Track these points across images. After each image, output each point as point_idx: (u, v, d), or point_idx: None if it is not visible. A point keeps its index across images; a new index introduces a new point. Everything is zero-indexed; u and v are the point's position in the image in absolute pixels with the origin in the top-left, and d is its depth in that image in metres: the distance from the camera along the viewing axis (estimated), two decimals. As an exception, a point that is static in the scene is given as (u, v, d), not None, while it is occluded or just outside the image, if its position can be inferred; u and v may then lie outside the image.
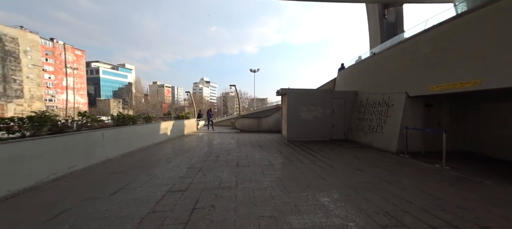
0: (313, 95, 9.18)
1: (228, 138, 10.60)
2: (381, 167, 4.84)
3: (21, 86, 51.96)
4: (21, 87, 51.97)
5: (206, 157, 6.09)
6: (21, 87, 51.97)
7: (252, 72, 25.12)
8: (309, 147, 7.48)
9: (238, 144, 8.55)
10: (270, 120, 13.60)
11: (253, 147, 7.72)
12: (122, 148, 6.24)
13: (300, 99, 9.16)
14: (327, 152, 6.58)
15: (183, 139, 10.25)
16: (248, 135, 11.98)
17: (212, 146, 8.08)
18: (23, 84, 52.20)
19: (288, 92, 9.26)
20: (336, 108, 9.10)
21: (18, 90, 51.64)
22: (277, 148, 7.55)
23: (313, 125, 9.11)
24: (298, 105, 9.16)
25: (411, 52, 5.83)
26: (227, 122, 19.93)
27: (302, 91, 9.29)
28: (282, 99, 10.85)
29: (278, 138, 10.19)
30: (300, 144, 8.27)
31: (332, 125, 9.08)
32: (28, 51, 53.34)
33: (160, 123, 9.22)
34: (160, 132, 9.00)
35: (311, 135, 9.11)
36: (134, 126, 7.04)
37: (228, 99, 74.95)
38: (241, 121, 14.05)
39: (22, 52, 52.16)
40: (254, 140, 9.61)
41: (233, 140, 9.62)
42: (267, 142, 9.06)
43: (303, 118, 9.15)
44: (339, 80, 11.25)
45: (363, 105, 8.11)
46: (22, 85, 52.07)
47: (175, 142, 9.01)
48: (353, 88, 9.41)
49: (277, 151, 6.89)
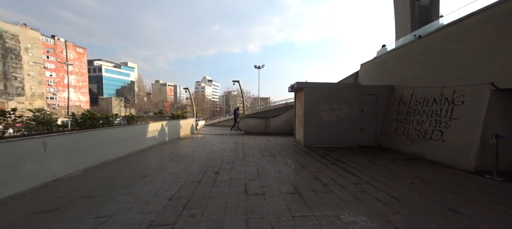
0: (337, 91, 7.31)
1: (231, 142, 8.79)
2: (484, 204, 2.97)
3: (22, 84, 50.98)
4: (22, 84, 51.00)
5: (200, 174, 4.29)
6: (22, 84, 51.00)
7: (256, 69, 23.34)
8: (337, 158, 5.63)
9: (244, 151, 6.74)
10: (278, 120, 11.77)
11: (263, 157, 5.90)
12: (87, 159, 4.47)
13: (321, 96, 7.30)
14: (368, 167, 4.73)
15: (177, 143, 8.47)
16: (255, 138, 10.15)
17: (211, 154, 6.29)
18: (24, 81, 51.22)
19: (305, 87, 7.41)
20: (366, 106, 7.22)
21: (19, 88, 50.67)
22: (295, 158, 5.72)
23: (337, 128, 7.25)
24: (318, 103, 7.31)
25: (505, 23, 3.85)
26: (230, 122, 18.11)
27: (323, 86, 7.43)
28: (296, 96, 8.99)
29: (291, 143, 8.34)
30: (323, 152, 6.42)
31: (361, 129, 7.21)
32: (29, 48, 52.30)
33: (148, 124, 7.45)
34: (147, 135, 7.23)
35: (334, 140, 7.25)
36: (107, 130, 5.27)
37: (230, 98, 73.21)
38: (246, 121, 12.25)
39: (23, 49, 51.13)
40: (262, 146, 7.79)
41: (238, 146, 7.80)
42: (280, 148, 7.23)
43: (325, 119, 7.29)
44: (363, 74, 9.33)
45: (404, 103, 6.22)
46: (23, 82, 51.09)
47: (165, 148, 7.24)
48: (384, 82, 7.51)
49: (297, 164, 5.06)
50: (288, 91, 9.14)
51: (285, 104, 15.10)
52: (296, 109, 8.95)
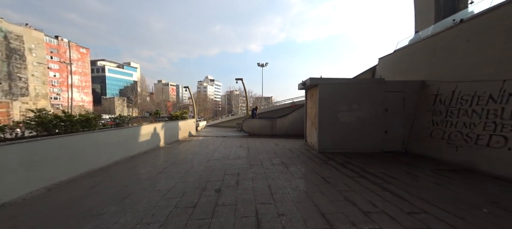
0: (357, 88, 6.26)
1: (234, 146, 7.81)
2: None
3: (26, 84, 50.90)
4: (26, 85, 50.92)
5: (197, 193, 3.31)
6: (26, 85, 50.92)
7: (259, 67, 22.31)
8: (363, 169, 4.60)
9: (250, 158, 5.75)
10: (286, 121, 10.74)
11: (273, 166, 4.90)
12: (55, 174, 3.54)
13: (338, 94, 6.26)
14: (411, 184, 3.69)
15: (174, 147, 7.53)
16: (261, 141, 9.15)
17: (212, 162, 5.31)
18: (28, 82, 51.13)
19: (320, 83, 6.38)
20: (391, 105, 6.15)
21: (24, 88, 50.61)
22: (311, 168, 4.71)
23: (357, 130, 6.20)
24: (335, 102, 6.27)
25: None
26: (233, 123, 17.16)
27: (341, 82, 6.39)
28: (307, 94, 7.96)
29: (302, 148, 7.32)
30: (343, 160, 5.39)
31: (385, 131, 6.14)
32: (33, 48, 52.20)
33: (141, 127, 6.51)
34: (140, 139, 6.29)
35: (354, 144, 6.21)
36: (86, 135, 4.32)
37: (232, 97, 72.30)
38: (250, 122, 11.25)
39: (27, 50, 51.02)
40: (270, 151, 6.79)
41: (242, 151, 6.82)
42: (291, 154, 6.22)
43: (342, 120, 6.26)
44: (382, 69, 8.24)
45: (443, 101, 5.14)
46: (27, 83, 51.01)
47: (160, 154, 6.29)
48: (412, 77, 6.43)
49: (317, 177, 4.05)
50: (298, 88, 8.11)
51: (292, 103, 14.05)
52: (307, 108, 7.92)
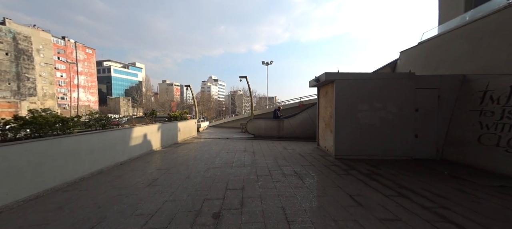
0: (380, 84, 5.31)
1: (238, 150, 6.97)
2: None
3: (34, 84, 51.53)
4: (34, 85, 51.54)
5: (190, 219, 2.47)
6: (34, 85, 51.54)
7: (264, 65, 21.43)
8: (398, 183, 3.67)
9: (256, 166, 4.88)
10: (294, 122, 9.83)
11: (285, 177, 4.03)
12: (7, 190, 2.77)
13: (359, 91, 5.33)
14: (478, 212, 2.76)
15: (171, 152, 6.74)
16: (267, 144, 8.28)
17: (212, 171, 4.47)
18: (36, 82, 51.75)
19: (337, 79, 5.46)
20: (423, 104, 5.18)
21: (31, 88, 51.23)
22: (332, 181, 3.80)
23: (380, 133, 5.26)
24: (355, 100, 5.35)
25: None
26: (236, 123, 16.34)
27: (362, 78, 5.45)
28: (320, 92, 7.04)
29: (315, 153, 6.42)
30: (368, 170, 4.47)
31: (415, 135, 5.18)
32: (41, 49, 52.81)
33: (133, 128, 5.74)
34: (131, 143, 5.52)
35: (376, 150, 5.27)
36: (56, 140, 3.54)
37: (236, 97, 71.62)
38: (255, 123, 10.39)
39: (35, 51, 51.64)
40: (279, 156, 5.91)
41: (247, 156, 5.96)
42: (303, 161, 5.32)
43: (363, 121, 5.32)
44: (405, 64, 7.23)
45: (496, 100, 4.14)
46: (35, 83, 51.63)
47: (153, 160, 5.51)
48: (445, 71, 5.44)
49: (343, 195, 3.15)
50: (309, 85, 7.20)
51: (300, 103, 13.09)
52: (320, 108, 7.00)
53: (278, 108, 11.85)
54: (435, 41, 6.27)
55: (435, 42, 6.25)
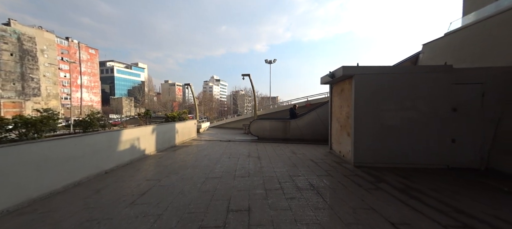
0: (409, 79, 4.48)
1: (242, 155, 6.19)
2: None
3: (38, 85, 51.64)
4: (38, 85, 51.65)
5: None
6: (38, 85, 51.65)
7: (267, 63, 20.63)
8: (448, 204, 2.87)
9: (263, 176, 4.10)
10: (301, 123, 9.01)
11: (300, 192, 3.23)
12: None
13: (382, 87, 4.52)
14: None
15: (166, 157, 6.00)
16: (273, 147, 7.49)
17: (211, 183, 3.70)
18: (40, 82, 51.86)
19: (357, 72, 4.65)
20: (463, 103, 4.33)
21: (36, 89, 51.36)
22: (361, 199, 3.00)
23: (409, 137, 4.44)
24: (378, 99, 4.54)
25: None
26: (239, 124, 15.57)
27: (386, 72, 4.64)
28: (333, 89, 6.22)
29: (328, 158, 5.61)
30: (401, 183, 3.66)
31: (452, 139, 4.33)
32: (45, 50, 52.95)
33: (121, 131, 5.01)
34: (119, 147, 4.78)
35: (404, 157, 4.45)
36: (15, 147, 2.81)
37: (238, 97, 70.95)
38: (260, 124, 9.60)
39: (39, 51, 51.75)
40: (288, 163, 5.12)
41: (252, 163, 5.18)
42: (318, 170, 4.52)
43: (388, 123, 4.50)
44: (429, 57, 6.36)
45: None
46: (39, 83, 51.73)
47: (143, 168, 4.76)
48: (485, 63, 4.57)
49: (384, 224, 2.34)
50: (321, 82, 6.39)
51: (307, 102, 12.24)
52: (334, 108, 6.18)
53: (294, 107, 10.60)
54: (470, 29, 5.39)
55: (470, 31, 5.38)
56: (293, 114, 9.67)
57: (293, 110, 9.95)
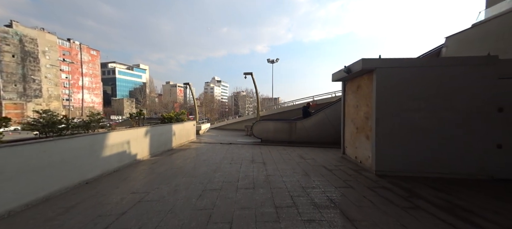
0: (443, 73, 3.79)
1: (244, 159, 5.52)
2: None
3: (40, 86, 51.48)
4: (40, 86, 51.49)
5: None
6: (40, 86, 51.49)
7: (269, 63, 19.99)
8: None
9: (271, 189, 3.42)
10: (308, 125, 8.33)
11: (319, 212, 2.56)
12: None
13: (411, 82, 3.85)
14: None
15: (161, 162, 5.34)
16: (278, 151, 6.81)
17: (209, 197, 3.03)
18: (41, 84, 51.73)
19: (379, 66, 3.98)
20: (509, 102, 3.62)
21: (37, 90, 51.21)
22: (401, 222, 2.30)
23: (443, 141, 3.75)
24: (404, 96, 3.88)
25: None
26: (240, 125, 14.90)
27: (414, 64, 3.97)
28: (348, 86, 5.54)
29: (343, 164, 4.92)
30: (441, 199, 2.97)
31: (498, 145, 3.62)
32: (47, 51, 52.92)
33: (108, 134, 4.37)
34: (104, 153, 4.14)
35: (438, 164, 3.76)
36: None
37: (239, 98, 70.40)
38: (263, 125, 8.94)
39: (41, 53, 51.69)
40: (299, 171, 4.43)
41: (257, 170, 4.50)
42: (335, 180, 3.84)
43: (417, 125, 3.83)
44: (454, 51, 5.66)
45: None
46: (41, 85, 51.59)
47: (132, 176, 4.11)
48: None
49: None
50: (333, 79, 5.73)
51: (313, 102, 11.54)
52: (348, 107, 5.50)
53: (307, 105, 9.57)
54: (507, 17, 4.69)
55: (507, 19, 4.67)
56: (306, 114, 8.82)
57: (307, 109, 9.04)
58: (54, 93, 53.74)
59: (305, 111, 9.00)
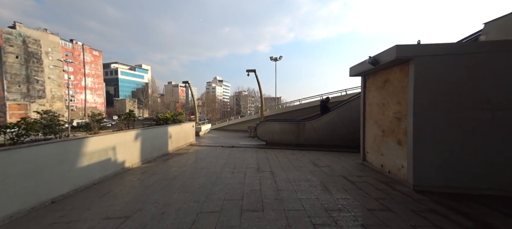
0: (507, 60, 2.93)
1: (249, 167, 4.74)
2: None
3: (43, 87, 51.49)
4: (43, 87, 51.51)
5: None
6: (43, 87, 51.51)
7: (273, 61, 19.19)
8: None
9: (285, 209, 2.63)
10: (318, 125, 7.50)
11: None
12: None
13: (461, 73, 3.00)
14: None
15: (151, 171, 4.58)
16: (286, 156, 6.02)
17: (205, 221, 2.25)
18: (45, 84, 51.74)
19: (418, 54, 3.16)
20: None
21: (41, 91, 51.22)
22: None
23: (507, 149, 2.88)
24: (454, 90, 3.05)
25: None
26: (243, 126, 14.13)
27: (465, 51, 3.11)
28: (371, 81, 4.70)
29: (365, 174, 4.11)
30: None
31: None
32: (50, 52, 52.90)
33: (86, 140, 3.62)
34: (78, 163, 3.39)
35: (500, 179, 2.89)
36: None
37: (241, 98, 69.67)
38: (268, 126, 8.14)
39: (44, 53, 51.70)
40: (314, 182, 3.63)
41: (264, 183, 3.71)
42: (363, 197, 3.03)
43: (472, 128, 3.00)
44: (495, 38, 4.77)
45: None
46: (44, 85, 51.60)
47: (112, 191, 3.36)
48: None
49: None
50: (351, 74, 4.92)
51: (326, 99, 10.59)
52: (370, 106, 4.68)
53: (326, 100, 8.35)
54: None
55: None
56: (325, 109, 7.78)
57: (325, 104, 7.96)
58: (57, 94, 53.73)
59: (324, 106, 7.91)
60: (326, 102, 8.17)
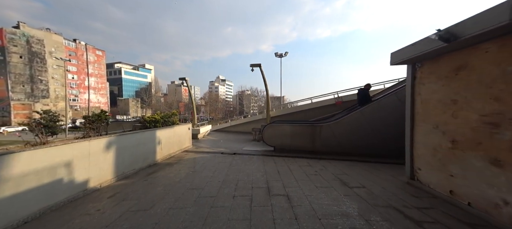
0: None
1: (256, 187, 3.45)
2: None
3: (47, 87, 51.30)
4: (47, 87, 51.32)
5: None
6: (47, 87, 51.32)
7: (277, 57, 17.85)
8: None
9: None
10: (337, 129, 6.15)
11: None
12: None
13: None
14: None
15: (125, 193, 3.33)
16: (303, 170, 4.71)
17: None
18: (48, 84, 51.54)
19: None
20: None
21: (44, 90, 51.04)
22: None
23: None
24: None
25: None
26: (247, 127, 12.85)
27: None
28: (426, 71, 3.35)
29: (424, 203, 2.79)
30: None
31: None
32: (53, 52, 52.62)
33: (18, 155, 2.38)
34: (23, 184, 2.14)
35: None
36: None
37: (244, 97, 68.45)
38: (277, 129, 6.84)
39: (47, 53, 51.46)
40: (353, 216, 2.31)
41: (278, 219, 2.39)
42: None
43: None
44: None
45: None
46: (48, 85, 51.40)
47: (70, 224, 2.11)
48: None
49: None
50: (391, 62, 3.58)
51: (338, 100, 9.27)
52: (423, 104, 3.33)
53: (367, 87, 6.67)
54: None
55: None
56: (365, 99, 6.24)
57: (366, 93, 6.36)
58: (61, 94, 53.44)
59: (364, 95, 6.26)
60: (366, 90, 6.49)
